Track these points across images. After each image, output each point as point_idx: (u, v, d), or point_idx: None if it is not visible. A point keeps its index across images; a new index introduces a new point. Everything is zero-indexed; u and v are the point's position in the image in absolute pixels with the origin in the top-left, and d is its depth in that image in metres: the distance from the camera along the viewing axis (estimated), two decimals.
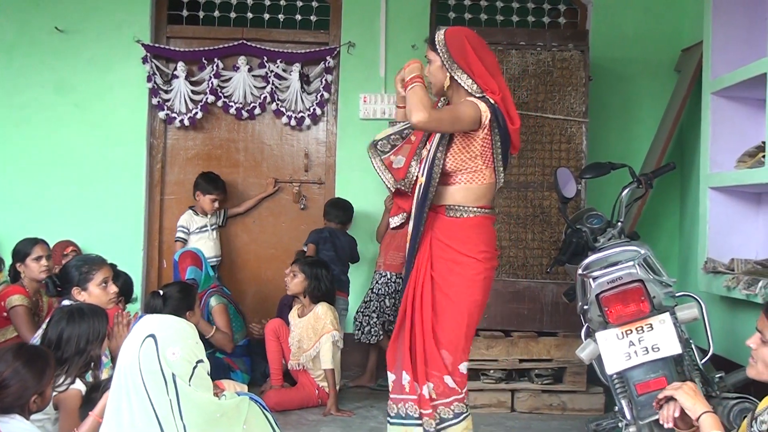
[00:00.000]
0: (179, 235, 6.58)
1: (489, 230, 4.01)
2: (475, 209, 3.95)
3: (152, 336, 2.86)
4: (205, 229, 6.62)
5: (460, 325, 3.91)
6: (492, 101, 3.86)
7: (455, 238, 3.95)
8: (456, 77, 3.93)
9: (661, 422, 2.99)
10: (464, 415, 3.94)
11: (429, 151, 3.97)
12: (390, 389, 4.05)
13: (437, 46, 3.94)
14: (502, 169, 3.97)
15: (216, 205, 6.64)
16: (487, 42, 5.79)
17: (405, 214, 4.14)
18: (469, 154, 3.89)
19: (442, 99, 4.12)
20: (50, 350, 3.64)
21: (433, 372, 3.91)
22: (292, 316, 5.90)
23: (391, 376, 4.05)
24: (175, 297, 5.31)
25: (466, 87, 3.91)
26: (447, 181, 3.96)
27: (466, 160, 3.90)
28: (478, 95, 3.89)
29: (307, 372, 5.75)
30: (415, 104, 3.68)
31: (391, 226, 4.30)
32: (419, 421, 3.94)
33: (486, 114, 3.82)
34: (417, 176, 4.04)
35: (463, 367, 3.93)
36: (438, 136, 3.94)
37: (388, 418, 4.04)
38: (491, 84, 3.92)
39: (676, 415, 2.93)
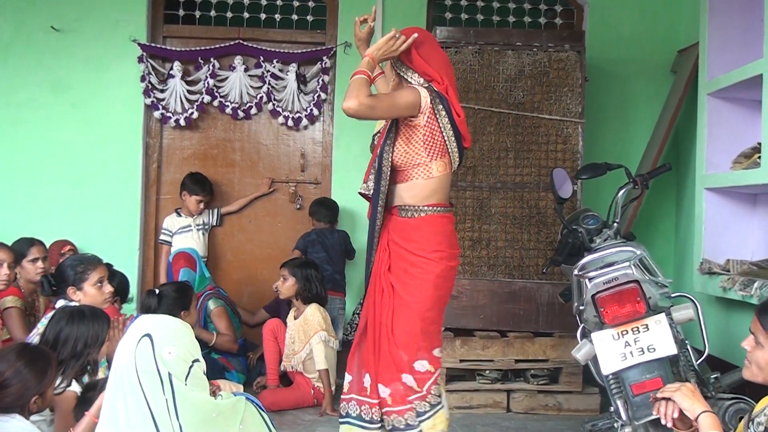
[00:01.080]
0: (162, 237, 6.65)
1: (443, 228, 3.95)
2: (425, 208, 3.91)
3: (148, 336, 2.86)
4: (188, 228, 6.62)
5: (413, 324, 3.87)
6: (436, 89, 3.85)
7: (408, 239, 3.92)
8: (401, 73, 3.98)
9: (662, 421, 3.00)
10: (428, 413, 3.88)
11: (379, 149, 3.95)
12: (345, 390, 4.06)
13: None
14: (457, 155, 3.93)
15: (202, 206, 6.65)
16: (484, 42, 5.91)
17: None
18: (413, 145, 3.85)
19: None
20: (52, 351, 3.64)
21: (394, 373, 3.87)
22: (290, 318, 5.91)
23: (347, 377, 4.05)
24: (170, 296, 5.30)
25: (411, 81, 3.93)
26: (396, 179, 3.95)
27: (410, 152, 3.86)
28: (422, 84, 3.89)
29: (302, 372, 5.74)
30: (348, 92, 3.71)
31: None
32: (374, 425, 3.92)
33: (426, 98, 3.79)
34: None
35: (421, 366, 3.88)
36: (386, 133, 3.91)
37: (340, 418, 4.05)
38: (435, 76, 3.90)
39: (675, 415, 2.93)
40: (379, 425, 3.93)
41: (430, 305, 3.89)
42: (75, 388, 3.71)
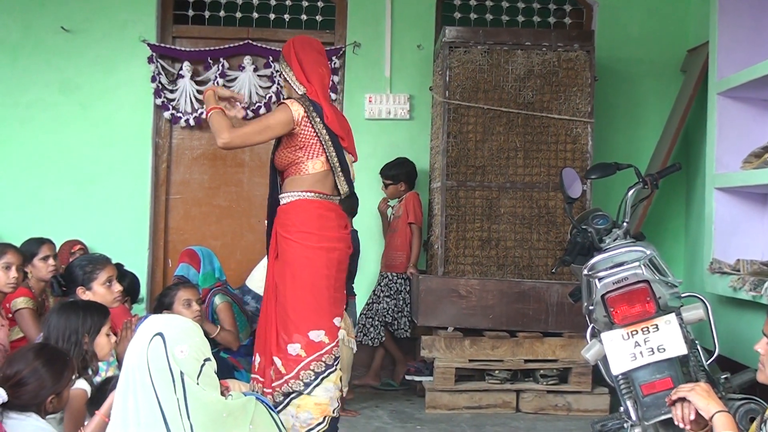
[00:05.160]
0: None
1: (311, 212, 4.17)
2: (296, 194, 4.18)
3: (160, 334, 2.86)
4: None
5: (283, 305, 4.11)
6: (310, 98, 4.17)
7: (281, 223, 4.22)
8: (288, 79, 4.33)
9: (676, 423, 2.99)
10: (293, 395, 4.04)
11: None
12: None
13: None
14: (334, 154, 4.16)
15: None
16: (493, 42, 5.91)
17: None
18: (291, 149, 4.15)
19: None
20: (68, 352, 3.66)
21: (269, 354, 4.12)
22: None
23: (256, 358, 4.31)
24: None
25: (294, 87, 4.29)
26: (282, 177, 4.29)
27: (289, 154, 4.17)
28: (299, 94, 4.23)
29: None
30: (216, 130, 4.04)
31: None
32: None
33: (297, 112, 4.10)
34: None
35: (293, 349, 4.05)
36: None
37: None
38: (306, 84, 4.24)
39: (692, 417, 2.93)
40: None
41: (299, 286, 4.09)
42: (84, 386, 3.72)
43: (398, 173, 6.45)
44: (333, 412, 4.11)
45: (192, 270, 6.13)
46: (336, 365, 4.12)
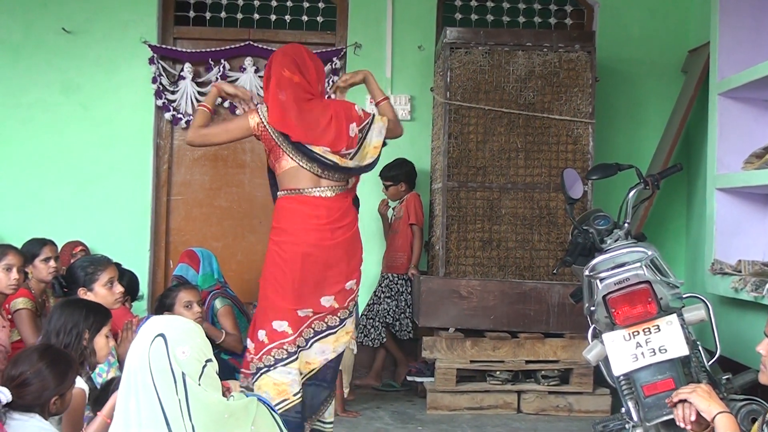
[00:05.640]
0: None
1: (280, 207, 4.43)
2: (278, 192, 4.44)
3: (161, 335, 2.85)
4: None
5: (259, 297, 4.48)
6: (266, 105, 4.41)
7: None
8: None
9: (677, 423, 2.99)
10: (271, 367, 4.29)
11: None
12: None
13: None
14: (294, 152, 4.32)
15: None
16: (494, 43, 5.92)
17: None
18: (267, 153, 4.45)
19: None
20: (73, 354, 3.66)
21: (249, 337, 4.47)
22: None
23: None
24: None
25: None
26: None
27: (269, 159, 4.46)
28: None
29: None
30: (191, 125, 4.55)
31: None
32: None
33: (254, 120, 4.37)
34: None
35: (261, 335, 4.33)
36: None
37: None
38: (265, 86, 4.51)
39: (693, 418, 2.93)
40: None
41: (265, 278, 4.42)
42: (82, 385, 3.72)
43: (397, 174, 6.45)
44: (294, 396, 4.26)
45: (191, 270, 6.13)
46: (296, 354, 4.29)
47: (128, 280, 5.50)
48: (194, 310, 5.08)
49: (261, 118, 4.35)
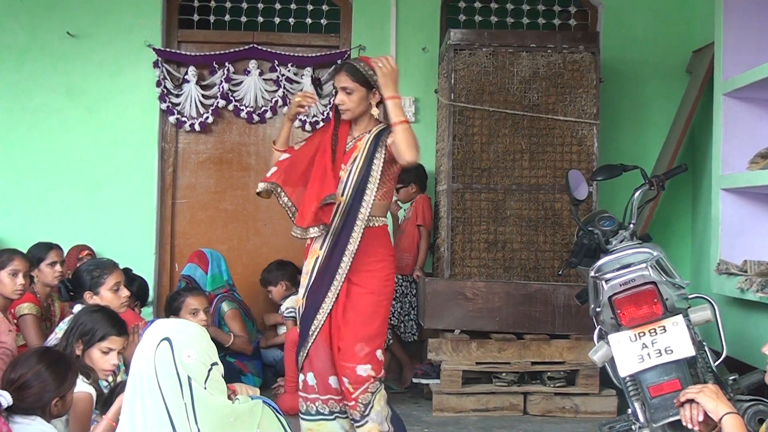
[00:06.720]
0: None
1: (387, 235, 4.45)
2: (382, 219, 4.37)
3: (167, 339, 2.86)
4: None
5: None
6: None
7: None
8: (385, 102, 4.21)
9: (684, 424, 2.99)
10: None
11: (353, 171, 4.27)
12: (301, 389, 4.39)
13: (361, 73, 4.23)
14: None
15: None
16: (498, 44, 5.93)
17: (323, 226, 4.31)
18: (390, 176, 4.31)
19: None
20: (73, 356, 3.68)
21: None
22: None
23: (300, 377, 4.39)
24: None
25: (378, 113, 4.29)
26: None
27: (387, 182, 4.30)
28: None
29: None
30: (412, 145, 4.07)
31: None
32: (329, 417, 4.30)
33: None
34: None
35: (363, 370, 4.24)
36: (362, 158, 4.25)
37: (300, 415, 4.37)
38: None
39: (701, 419, 2.92)
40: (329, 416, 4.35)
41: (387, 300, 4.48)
42: (89, 389, 3.73)
43: (407, 175, 6.43)
44: None
45: (199, 271, 6.16)
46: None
47: (138, 286, 5.53)
48: (200, 317, 5.09)
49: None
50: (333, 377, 4.27)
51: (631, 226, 4.21)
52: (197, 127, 6.81)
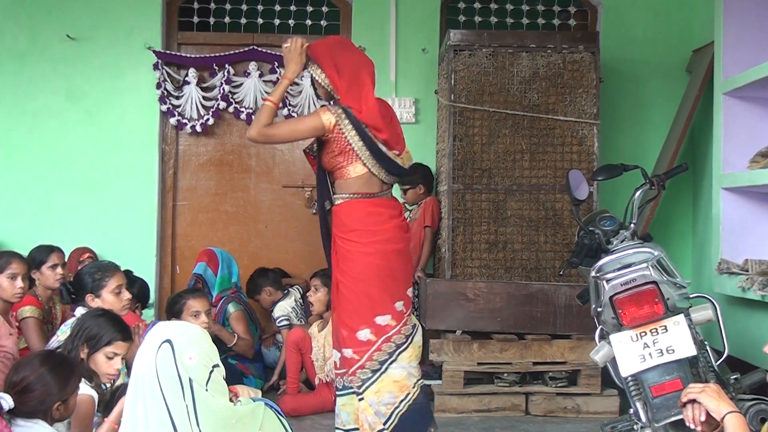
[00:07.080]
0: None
1: (358, 210, 4.30)
2: (346, 195, 4.31)
3: (168, 341, 2.86)
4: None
5: (347, 299, 4.31)
6: (342, 105, 4.24)
7: (334, 224, 4.38)
8: (320, 82, 4.35)
9: (687, 424, 2.99)
10: (387, 363, 4.24)
11: None
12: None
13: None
14: (373, 160, 4.25)
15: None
16: (498, 45, 5.91)
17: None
18: (332, 154, 4.27)
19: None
20: (76, 359, 3.68)
21: (343, 347, 4.34)
22: (313, 330, 5.85)
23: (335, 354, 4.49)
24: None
25: (329, 90, 4.35)
26: (331, 177, 4.41)
27: (331, 159, 4.29)
28: (333, 101, 4.40)
29: (330, 384, 5.64)
30: (254, 121, 4.30)
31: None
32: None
33: (328, 121, 4.19)
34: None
35: (363, 335, 4.24)
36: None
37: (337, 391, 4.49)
38: (341, 92, 4.29)
39: (703, 419, 2.92)
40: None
41: (358, 279, 4.29)
42: (91, 391, 3.73)
43: (415, 177, 6.40)
44: (414, 387, 4.28)
45: (209, 271, 6.18)
46: (408, 343, 4.30)
47: (139, 287, 5.52)
48: (201, 320, 5.10)
49: (337, 118, 4.20)
50: None
51: (632, 225, 4.21)
52: (198, 129, 6.81)
